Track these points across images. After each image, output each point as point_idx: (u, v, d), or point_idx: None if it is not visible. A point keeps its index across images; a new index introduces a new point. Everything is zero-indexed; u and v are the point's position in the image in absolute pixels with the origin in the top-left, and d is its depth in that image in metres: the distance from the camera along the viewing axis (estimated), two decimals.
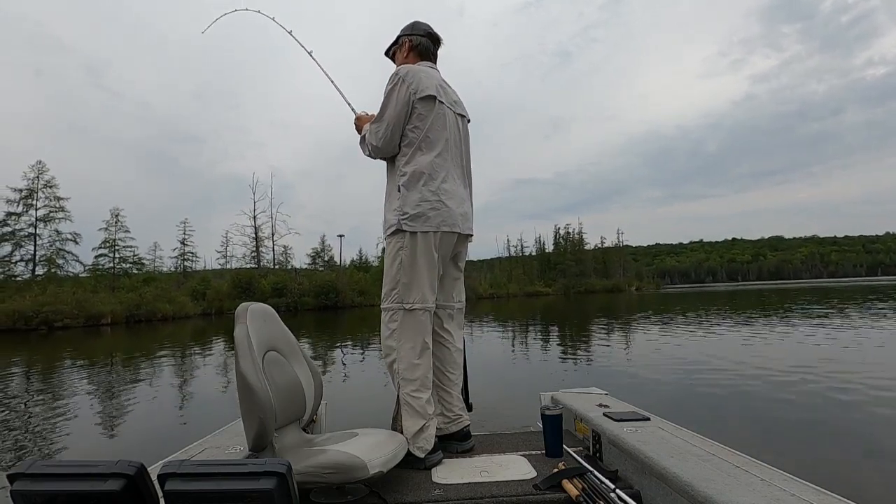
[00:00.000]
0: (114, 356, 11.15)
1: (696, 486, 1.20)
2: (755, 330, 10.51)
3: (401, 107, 1.92)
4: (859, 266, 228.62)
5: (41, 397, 6.11)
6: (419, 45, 2.15)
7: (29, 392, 6.62)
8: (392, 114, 1.93)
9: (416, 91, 1.93)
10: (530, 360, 7.70)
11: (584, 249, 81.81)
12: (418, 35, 2.15)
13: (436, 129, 1.96)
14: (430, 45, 2.17)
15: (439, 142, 1.97)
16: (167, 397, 5.88)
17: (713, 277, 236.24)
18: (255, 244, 42.92)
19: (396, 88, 1.94)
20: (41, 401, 5.86)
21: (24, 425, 4.76)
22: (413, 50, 2.15)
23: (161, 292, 30.90)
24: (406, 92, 1.92)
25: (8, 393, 6.52)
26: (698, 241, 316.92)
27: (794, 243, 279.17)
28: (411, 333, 1.90)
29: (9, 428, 4.67)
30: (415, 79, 1.94)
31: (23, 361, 10.72)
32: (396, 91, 1.93)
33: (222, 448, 1.78)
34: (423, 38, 2.15)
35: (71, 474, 0.88)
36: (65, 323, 23.65)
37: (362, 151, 2.13)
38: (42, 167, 32.23)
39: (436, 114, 1.96)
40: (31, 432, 4.49)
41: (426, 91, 1.94)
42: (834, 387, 4.84)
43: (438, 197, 1.92)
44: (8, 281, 29.53)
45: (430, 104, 1.95)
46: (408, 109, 1.93)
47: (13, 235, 30.83)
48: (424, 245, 1.90)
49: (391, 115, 1.93)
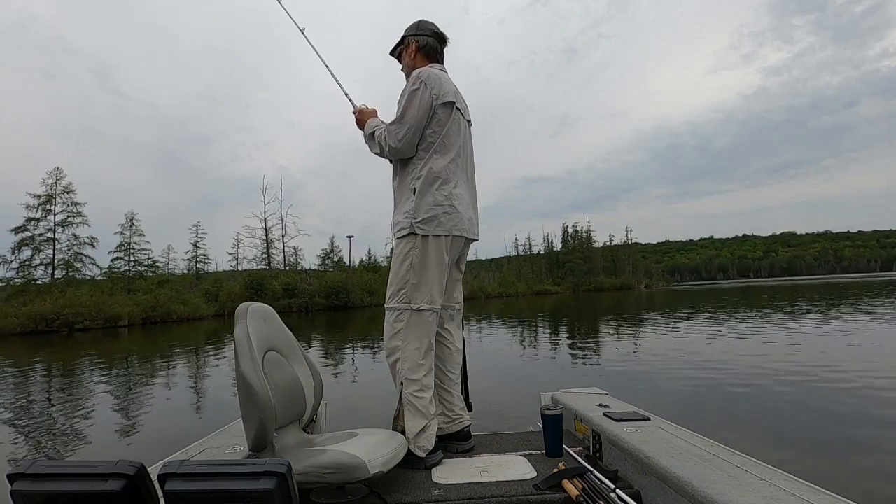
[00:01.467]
0: (130, 357, 11.34)
1: (696, 486, 1.19)
2: (759, 328, 10.38)
3: (422, 111, 1.92)
4: (873, 261, 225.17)
5: (52, 398, 6.20)
6: (426, 46, 2.13)
7: (42, 393, 6.71)
8: (414, 117, 1.93)
9: (438, 96, 1.94)
10: (531, 360, 7.66)
11: (592, 247, 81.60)
12: (424, 35, 2.14)
13: (451, 134, 1.99)
14: (436, 45, 2.15)
15: (454, 147, 1.99)
16: (175, 398, 5.93)
17: (724, 274, 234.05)
18: (266, 246, 43.38)
19: (419, 92, 1.93)
20: (51, 401, 5.94)
21: (29, 424, 4.84)
22: (420, 51, 2.14)
23: (175, 294, 31.50)
24: (429, 97, 1.93)
25: (21, 394, 6.63)
26: (708, 237, 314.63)
27: (806, 239, 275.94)
28: (418, 334, 1.90)
29: (15, 426, 4.76)
30: (437, 84, 1.95)
31: (43, 362, 10.96)
32: (419, 95, 1.93)
33: (222, 448, 1.79)
34: (430, 38, 2.13)
35: (71, 474, 0.88)
36: (85, 325, 24.14)
37: (370, 149, 2.12)
38: (60, 173, 32.98)
39: (452, 119, 1.99)
40: (37, 431, 4.56)
41: (447, 97, 1.97)
42: (837, 387, 4.77)
43: (451, 201, 1.94)
44: (28, 284, 30.30)
45: (449, 110, 1.98)
46: (429, 114, 1.94)
47: (33, 240, 31.64)
48: (436, 248, 1.92)
49: (413, 118, 1.93)
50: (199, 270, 44.10)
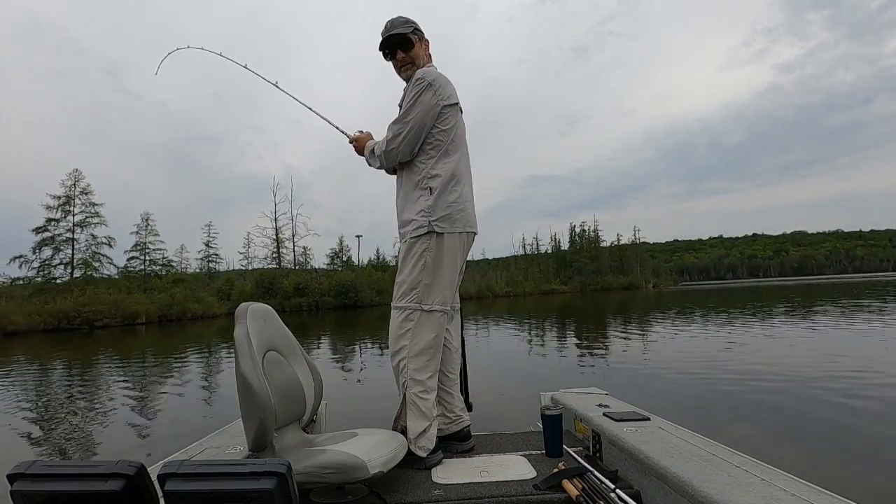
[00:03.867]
0: (145, 354, 11.57)
1: (696, 486, 1.19)
2: (762, 328, 10.31)
3: (426, 112, 1.93)
4: (886, 261, 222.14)
5: (68, 395, 6.26)
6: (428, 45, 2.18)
7: (58, 390, 6.79)
8: (418, 117, 1.93)
9: (444, 98, 1.96)
10: (532, 360, 7.65)
11: (600, 247, 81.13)
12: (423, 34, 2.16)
13: (458, 134, 2.03)
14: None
15: (461, 146, 2.04)
16: (184, 395, 5.98)
17: (733, 274, 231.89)
18: (276, 245, 43.78)
19: (425, 94, 1.93)
20: (65, 398, 6.00)
21: (33, 424, 4.90)
22: (427, 48, 2.16)
23: (190, 293, 32.43)
24: (434, 98, 1.94)
25: (39, 390, 6.70)
26: (718, 236, 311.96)
27: (817, 238, 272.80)
28: (427, 335, 1.90)
29: (26, 421, 4.84)
30: (441, 85, 1.96)
31: (63, 359, 11.23)
32: (424, 96, 1.93)
33: (222, 448, 1.80)
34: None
35: (71, 474, 0.89)
36: (104, 322, 24.85)
37: (371, 165, 2.13)
38: (78, 175, 33.80)
39: (458, 120, 2.04)
40: (44, 429, 4.64)
41: (452, 99, 1.99)
42: (839, 387, 4.72)
43: (465, 199, 2.00)
44: (48, 283, 31.08)
45: (455, 110, 2.01)
46: (434, 115, 1.95)
47: (53, 240, 32.43)
48: (451, 246, 1.93)
49: (416, 119, 1.93)
50: (210, 269, 44.86)
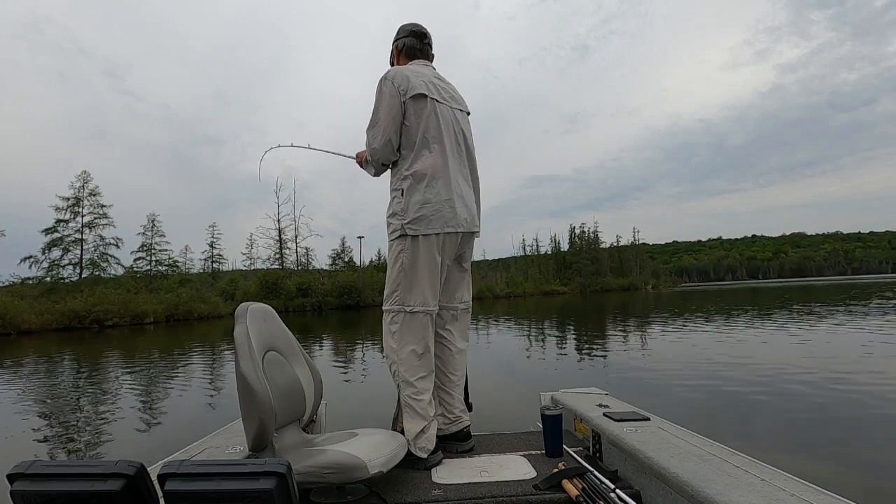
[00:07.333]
0: (152, 353, 11.62)
1: (696, 486, 1.19)
2: (762, 328, 10.29)
3: (391, 108, 1.91)
4: (885, 263, 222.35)
5: (75, 394, 6.25)
6: (404, 47, 2.16)
7: (66, 388, 6.77)
8: (384, 115, 1.92)
9: (406, 91, 1.91)
10: (532, 360, 7.64)
11: (599, 248, 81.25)
12: (402, 37, 2.16)
13: (432, 127, 1.93)
14: (415, 42, 2.15)
15: (438, 140, 1.93)
16: (186, 395, 5.96)
17: (732, 275, 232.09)
18: (279, 246, 43.92)
19: (383, 89, 1.93)
20: (72, 397, 5.99)
21: (39, 420, 4.89)
22: (400, 53, 2.17)
23: (196, 293, 32.78)
24: (393, 89, 1.91)
25: (47, 388, 6.69)
26: (717, 238, 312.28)
27: (816, 240, 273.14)
28: (412, 336, 1.90)
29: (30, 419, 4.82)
30: (401, 79, 1.92)
31: (72, 356, 11.31)
32: (384, 93, 1.93)
33: (222, 448, 1.79)
34: (407, 38, 2.15)
35: (71, 474, 0.88)
36: (114, 322, 25.20)
37: (369, 173, 2.13)
38: (87, 177, 34.25)
39: (429, 112, 1.93)
40: (46, 427, 4.62)
41: (415, 90, 1.91)
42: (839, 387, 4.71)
43: (441, 198, 1.89)
44: (58, 283, 31.45)
45: (422, 102, 1.92)
46: (400, 109, 1.92)
47: (62, 241, 32.86)
48: (426, 248, 1.89)
49: (384, 117, 1.92)
50: (214, 270, 45.30)
